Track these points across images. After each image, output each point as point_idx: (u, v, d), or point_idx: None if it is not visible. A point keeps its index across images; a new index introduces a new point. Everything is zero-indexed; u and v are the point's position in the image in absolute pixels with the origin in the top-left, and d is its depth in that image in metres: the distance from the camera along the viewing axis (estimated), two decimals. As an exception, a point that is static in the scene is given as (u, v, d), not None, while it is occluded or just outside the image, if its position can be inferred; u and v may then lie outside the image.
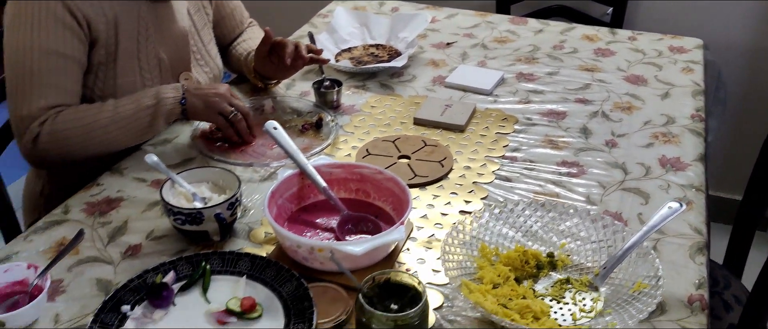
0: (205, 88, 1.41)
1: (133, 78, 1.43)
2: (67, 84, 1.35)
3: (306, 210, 1.22)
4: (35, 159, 1.37)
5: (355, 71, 1.73)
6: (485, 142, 1.46)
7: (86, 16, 1.34)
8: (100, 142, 1.34)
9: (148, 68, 1.45)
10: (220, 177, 1.23)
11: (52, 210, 1.26)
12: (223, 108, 1.39)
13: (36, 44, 1.31)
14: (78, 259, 1.13)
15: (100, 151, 1.37)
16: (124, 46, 1.40)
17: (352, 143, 1.47)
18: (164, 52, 1.46)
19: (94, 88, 1.41)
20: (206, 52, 1.59)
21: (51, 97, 1.33)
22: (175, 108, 1.37)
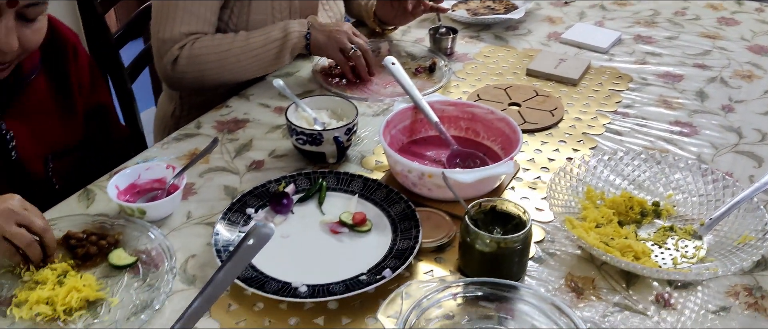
0: (328, 24, 1.49)
1: (265, 17, 1.52)
2: (206, 14, 1.46)
3: (416, 143, 1.28)
4: (172, 80, 1.49)
5: (470, 21, 1.77)
6: (597, 97, 1.46)
7: None
8: (231, 69, 1.45)
9: (279, 9, 1.54)
10: (339, 106, 1.31)
11: (186, 125, 1.37)
12: (344, 44, 1.46)
13: None
14: (208, 167, 1.24)
15: (231, 78, 1.47)
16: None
17: (463, 88, 1.51)
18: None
19: (228, 22, 1.52)
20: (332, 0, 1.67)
21: (191, 24, 1.44)
22: (300, 42, 1.45)
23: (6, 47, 1.02)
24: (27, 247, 0.95)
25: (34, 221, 0.96)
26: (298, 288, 0.94)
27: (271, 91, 1.48)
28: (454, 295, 0.91)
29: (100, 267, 1.00)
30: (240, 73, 1.47)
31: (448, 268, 1.02)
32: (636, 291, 0.97)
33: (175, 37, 1.44)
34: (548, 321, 0.87)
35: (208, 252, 1.03)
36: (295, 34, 1.46)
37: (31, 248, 0.96)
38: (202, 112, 1.50)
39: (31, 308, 0.92)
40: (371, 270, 0.98)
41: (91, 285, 0.95)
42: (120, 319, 0.91)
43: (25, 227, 0.95)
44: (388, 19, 1.68)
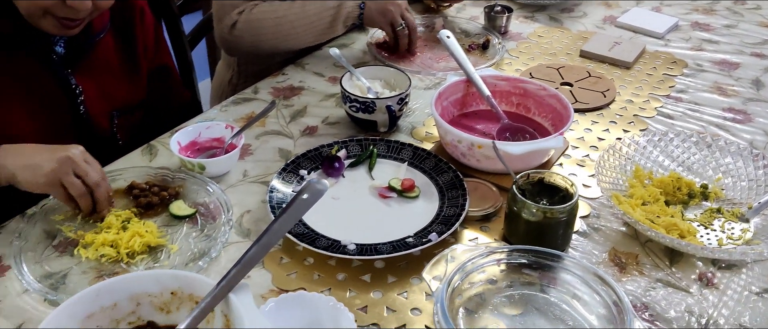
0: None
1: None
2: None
3: (467, 117, 1.30)
4: (229, 44, 1.52)
5: (526, 2, 1.77)
6: (651, 81, 1.46)
7: None
8: (286, 35, 1.48)
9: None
10: (393, 77, 1.33)
11: (244, 90, 1.42)
12: (395, 18, 1.49)
13: None
14: (264, 130, 1.28)
15: (286, 45, 1.50)
16: None
17: (515, 66, 1.52)
18: None
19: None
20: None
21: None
22: (354, 11, 1.48)
23: (80, 6, 1.07)
24: (79, 198, 1.01)
25: (90, 174, 1.01)
26: (347, 246, 0.98)
27: (326, 61, 1.52)
28: (498, 261, 0.93)
29: (162, 217, 1.06)
30: (294, 40, 1.49)
31: (493, 237, 1.04)
32: (679, 269, 0.97)
33: (235, 2, 1.48)
34: (591, 291, 0.89)
35: (262, 209, 1.08)
36: (350, 4, 1.49)
37: (83, 199, 1.01)
38: (258, 80, 1.54)
39: (96, 249, 0.98)
40: (418, 234, 1.02)
41: (152, 232, 1.00)
42: (179, 265, 0.97)
43: (81, 178, 1.01)
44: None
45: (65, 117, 1.21)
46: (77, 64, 1.21)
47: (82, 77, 1.22)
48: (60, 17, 1.08)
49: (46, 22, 1.09)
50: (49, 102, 1.18)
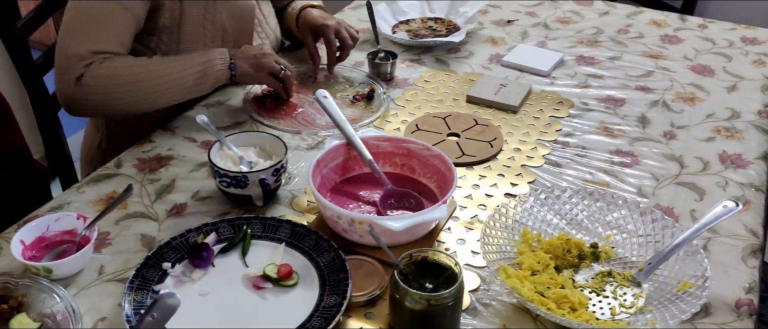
0: (250, 50, 1.40)
1: (197, 45, 1.43)
2: (120, 34, 1.33)
3: (350, 182, 1.22)
4: (73, 102, 1.32)
5: (411, 44, 1.71)
6: (538, 125, 1.42)
7: None
8: (143, 93, 1.32)
9: (212, 37, 1.45)
10: (268, 143, 1.24)
11: (106, 164, 1.29)
12: (272, 66, 1.40)
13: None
14: (126, 213, 1.16)
15: (142, 106, 1.34)
16: (189, 11, 1.41)
17: (402, 117, 1.45)
18: (229, 23, 1.47)
19: (156, 51, 1.43)
20: (266, 24, 1.60)
21: (102, 42, 1.31)
22: (224, 73, 1.36)
23: None
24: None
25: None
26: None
27: (197, 123, 1.41)
28: (381, 359, 0.85)
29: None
30: (153, 100, 1.33)
31: (378, 325, 0.96)
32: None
33: (82, 53, 1.30)
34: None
35: (119, 314, 0.96)
36: (218, 63, 1.36)
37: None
38: (130, 144, 1.41)
39: None
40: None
41: (-15, 360, 0.87)
42: (16, 399, 0.84)
43: None
44: None
45: None
46: None
47: None
48: None
49: None
50: None
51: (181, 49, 1.43)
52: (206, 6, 1.43)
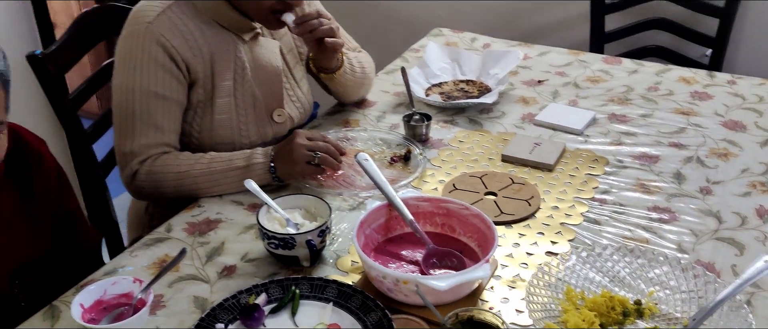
0: (283, 148, 1.42)
1: (229, 115, 1.50)
2: (166, 123, 1.43)
3: (392, 242, 1.25)
4: (133, 191, 1.48)
5: (444, 106, 1.77)
6: (574, 183, 1.45)
7: (185, 59, 1.42)
8: (189, 190, 1.42)
9: (243, 105, 1.52)
10: (313, 205, 1.28)
11: (156, 228, 1.34)
12: (306, 155, 1.39)
13: (138, 86, 1.40)
14: (178, 276, 1.20)
15: (190, 197, 1.43)
16: (221, 84, 1.48)
17: (439, 177, 1.49)
18: (259, 90, 1.54)
19: (192, 123, 1.50)
20: (298, 88, 1.65)
21: (151, 135, 1.42)
22: (266, 176, 1.40)
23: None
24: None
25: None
26: None
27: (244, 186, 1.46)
28: None
29: (61, 398, 0.96)
30: (198, 194, 1.43)
31: (426, 383, 0.98)
32: (621, 403, 0.93)
33: (135, 150, 1.42)
34: None
35: (175, 375, 0.99)
36: (259, 167, 1.40)
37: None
38: (175, 208, 1.46)
39: None
40: (346, 390, 0.95)
41: None
42: None
43: None
44: (320, 63, 1.61)
45: None
46: None
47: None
48: None
49: None
50: None
51: (214, 120, 1.49)
52: (235, 77, 1.50)
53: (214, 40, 1.46)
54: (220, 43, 1.47)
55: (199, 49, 1.44)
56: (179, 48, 1.41)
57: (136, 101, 1.40)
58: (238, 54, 1.50)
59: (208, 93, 1.48)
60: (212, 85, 1.48)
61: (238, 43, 1.50)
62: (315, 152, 1.40)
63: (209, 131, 1.50)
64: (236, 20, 1.47)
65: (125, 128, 1.42)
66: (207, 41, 1.45)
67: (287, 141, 1.43)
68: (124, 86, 1.42)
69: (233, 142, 1.52)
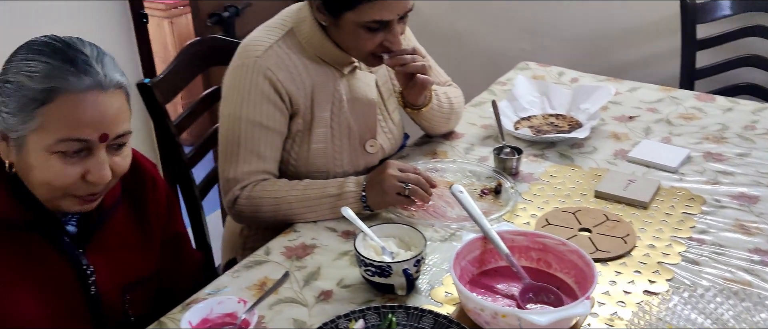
0: (374, 178, 1.45)
1: (325, 145, 1.56)
2: (268, 152, 1.51)
3: (486, 275, 1.26)
4: (233, 214, 1.54)
5: (534, 140, 1.77)
6: (670, 222, 1.43)
7: (289, 91, 1.49)
8: (285, 215, 1.48)
9: (338, 136, 1.58)
10: (407, 234, 1.30)
11: (256, 251, 1.39)
12: (398, 187, 1.42)
13: (244, 115, 1.47)
14: (278, 298, 1.24)
15: (286, 221, 1.49)
16: (319, 115, 1.54)
17: (530, 211, 1.49)
18: (353, 121, 1.59)
19: (290, 151, 1.57)
20: (390, 120, 1.70)
21: (253, 163, 1.49)
22: (357, 204, 1.44)
23: (102, 179, 1.07)
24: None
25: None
26: None
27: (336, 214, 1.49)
28: None
29: None
30: (294, 219, 1.48)
31: None
32: None
33: (238, 176, 1.49)
34: None
35: (278, 395, 1.02)
36: (351, 196, 1.45)
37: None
38: (269, 231, 1.52)
39: None
40: None
41: None
42: None
43: None
44: (409, 98, 1.64)
45: (77, 299, 1.17)
46: (89, 242, 1.18)
47: (93, 255, 1.19)
48: (80, 195, 1.07)
49: (66, 202, 1.09)
50: (61, 285, 1.15)
51: (311, 148, 1.55)
52: (332, 109, 1.56)
53: (316, 73, 1.52)
54: (321, 76, 1.53)
55: (302, 82, 1.50)
56: (284, 81, 1.48)
57: (241, 130, 1.47)
58: (336, 87, 1.55)
59: (307, 123, 1.54)
60: (311, 116, 1.53)
61: (337, 77, 1.56)
62: (406, 183, 1.43)
63: (305, 159, 1.56)
64: (337, 56, 1.53)
65: (230, 155, 1.49)
66: (309, 75, 1.51)
67: (379, 171, 1.46)
68: (231, 115, 1.49)
69: (327, 170, 1.58)
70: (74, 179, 1.06)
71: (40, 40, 1.07)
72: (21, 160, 1.07)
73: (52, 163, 1.04)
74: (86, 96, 1.03)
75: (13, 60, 1.06)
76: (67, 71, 1.02)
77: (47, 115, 1.02)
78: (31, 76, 1.02)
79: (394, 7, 1.43)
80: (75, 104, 1.02)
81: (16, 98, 1.03)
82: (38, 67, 1.02)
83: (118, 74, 1.08)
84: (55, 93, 1.02)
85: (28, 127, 1.03)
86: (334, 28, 1.48)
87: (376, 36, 1.46)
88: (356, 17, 1.42)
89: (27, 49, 1.06)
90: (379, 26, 1.44)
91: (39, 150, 1.04)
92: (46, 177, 1.05)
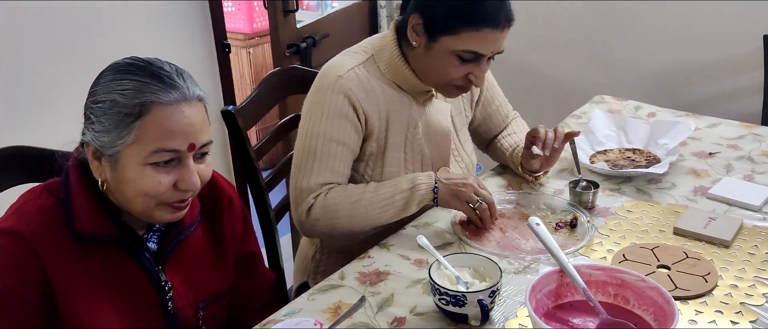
0: (455, 177, 1.53)
1: (398, 168, 1.59)
2: (340, 167, 1.55)
3: (562, 308, 1.25)
4: (307, 228, 1.56)
5: (611, 174, 1.75)
6: (754, 262, 1.38)
7: (366, 112, 1.53)
8: (361, 218, 1.51)
9: (411, 161, 1.61)
10: (482, 265, 1.31)
11: (330, 275, 1.42)
12: (470, 197, 1.49)
13: (322, 131, 1.52)
14: (352, 323, 1.26)
15: (360, 227, 1.52)
16: (393, 140, 1.58)
17: (607, 246, 1.47)
18: (428, 148, 1.62)
19: (364, 175, 1.60)
20: (463, 149, 1.72)
21: (326, 176, 1.53)
22: (428, 195, 1.51)
23: (192, 186, 1.14)
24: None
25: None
26: None
27: (410, 241, 1.51)
28: None
29: None
30: (368, 222, 1.52)
31: None
32: None
33: (312, 187, 1.52)
34: None
35: None
36: (423, 186, 1.51)
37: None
38: (340, 255, 1.55)
39: None
40: None
41: None
42: None
43: None
44: (534, 168, 1.69)
45: (155, 314, 1.22)
46: (167, 259, 1.23)
47: (171, 272, 1.24)
48: (171, 202, 1.12)
49: (159, 212, 1.15)
50: (140, 300, 1.20)
51: (384, 172, 1.59)
52: (406, 134, 1.59)
53: (392, 99, 1.56)
54: (397, 102, 1.57)
55: (379, 105, 1.54)
56: (362, 101, 1.52)
57: (319, 144, 1.52)
58: (411, 113, 1.59)
59: (381, 147, 1.57)
60: (385, 140, 1.57)
61: (413, 104, 1.59)
62: (479, 200, 1.47)
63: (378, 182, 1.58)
64: (415, 85, 1.56)
65: (305, 167, 1.53)
66: (386, 99, 1.56)
67: (461, 176, 1.54)
68: (310, 130, 1.54)
69: None
70: (167, 187, 1.12)
71: (124, 62, 1.14)
72: (115, 176, 1.12)
73: (147, 173, 1.10)
74: (175, 108, 1.10)
75: (99, 83, 1.13)
76: (155, 86, 1.09)
77: (142, 128, 1.08)
78: (123, 93, 1.09)
79: (492, 43, 1.47)
80: (166, 116, 1.09)
81: (111, 116, 1.09)
82: (129, 84, 1.09)
83: (197, 88, 1.15)
84: (147, 106, 1.08)
85: (124, 142, 1.09)
86: (423, 51, 1.51)
87: (464, 67, 1.49)
88: (453, 43, 1.46)
89: (113, 71, 1.12)
90: (472, 58, 1.47)
91: (134, 163, 1.10)
92: (142, 188, 1.11)
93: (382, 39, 1.59)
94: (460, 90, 1.55)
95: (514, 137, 1.80)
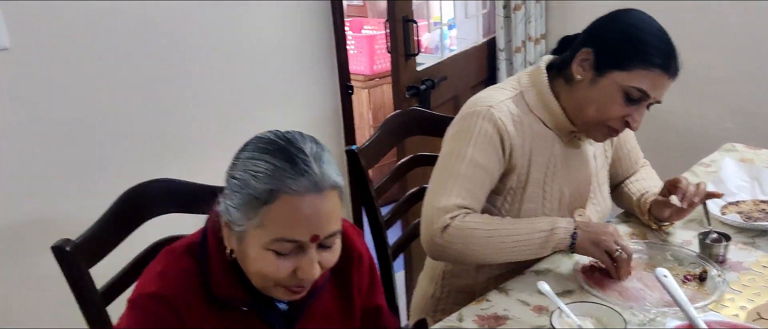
0: (594, 225, 1.51)
1: (536, 205, 1.58)
2: (479, 193, 1.55)
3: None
4: (437, 248, 1.52)
5: (744, 227, 1.66)
6: None
7: (513, 145, 1.55)
8: (494, 249, 1.50)
9: (550, 199, 1.60)
10: (605, 315, 1.28)
11: (448, 317, 1.43)
12: (610, 246, 1.46)
13: (469, 154, 1.53)
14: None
15: (493, 258, 1.51)
16: (534, 176, 1.57)
17: (739, 302, 1.40)
18: (567, 188, 1.61)
19: (501, 209, 1.60)
20: (600, 192, 1.70)
21: (466, 199, 1.52)
22: (566, 240, 1.49)
23: (310, 276, 1.12)
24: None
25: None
26: None
27: (529, 287, 1.50)
28: None
29: None
30: (502, 256, 1.51)
31: None
32: None
33: (449, 207, 1.51)
34: None
35: None
36: (562, 230, 1.49)
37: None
38: (460, 295, 1.56)
39: None
40: None
41: None
42: None
43: None
44: (663, 217, 1.65)
45: None
46: (298, 319, 1.24)
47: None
48: (289, 286, 1.14)
49: (276, 291, 1.15)
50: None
51: (522, 209, 1.58)
52: (547, 171, 1.58)
53: (537, 134, 1.58)
54: (540, 138, 1.58)
55: (524, 139, 1.56)
56: (511, 133, 1.54)
57: (463, 167, 1.53)
58: (554, 151, 1.59)
59: (521, 183, 1.58)
60: (526, 175, 1.57)
61: (557, 142, 1.59)
62: (618, 249, 1.45)
63: (515, 218, 1.58)
64: (562, 122, 1.57)
65: (444, 186, 1.54)
66: (531, 134, 1.57)
67: (603, 225, 1.52)
68: (455, 152, 1.55)
69: None
70: (286, 273, 1.12)
71: (266, 138, 1.14)
72: (240, 250, 1.14)
73: (267, 257, 1.11)
74: (303, 199, 1.08)
75: (240, 157, 1.14)
76: (288, 172, 1.08)
77: (267, 215, 1.09)
78: (256, 175, 1.09)
79: (659, 88, 1.47)
80: (292, 207, 1.08)
81: (242, 195, 1.10)
82: (263, 166, 1.09)
83: (335, 173, 1.13)
84: (275, 194, 1.08)
85: (250, 224, 1.10)
86: (587, 85, 1.51)
87: (626, 107, 1.48)
88: (623, 79, 1.46)
89: (254, 147, 1.13)
90: (638, 98, 1.47)
91: (257, 245, 1.11)
92: (261, 270, 1.12)
93: (531, 76, 1.61)
94: (611, 133, 1.54)
95: (642, 183, 1.75)
